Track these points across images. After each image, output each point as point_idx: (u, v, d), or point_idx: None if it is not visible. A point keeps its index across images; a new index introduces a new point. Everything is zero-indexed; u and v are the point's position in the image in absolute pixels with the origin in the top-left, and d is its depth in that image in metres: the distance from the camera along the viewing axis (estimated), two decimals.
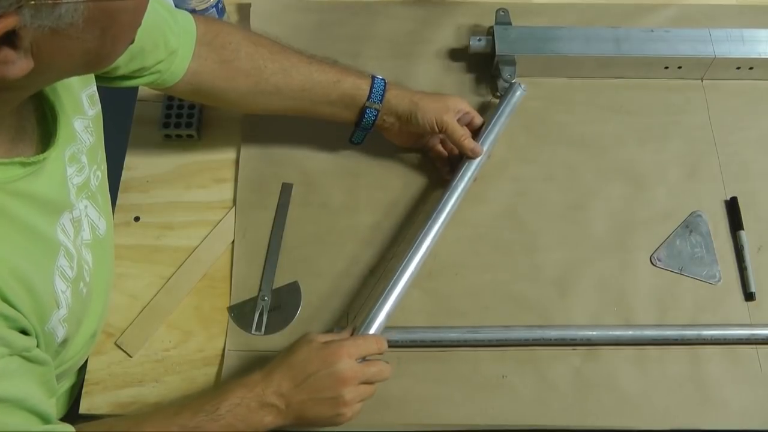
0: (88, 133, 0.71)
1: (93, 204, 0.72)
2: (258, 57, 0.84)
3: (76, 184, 0.68)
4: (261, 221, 0.91)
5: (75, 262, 0.66)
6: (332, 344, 0.72)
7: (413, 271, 0.80)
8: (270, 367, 0.71)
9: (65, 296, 0.64)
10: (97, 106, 0.75)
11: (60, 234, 0.64)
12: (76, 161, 0.68)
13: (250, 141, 0.96)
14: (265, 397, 0.70)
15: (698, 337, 0.84)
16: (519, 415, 0.81)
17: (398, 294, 0.79)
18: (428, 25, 1.06)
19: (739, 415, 0.81)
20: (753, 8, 1.09)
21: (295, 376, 0.70)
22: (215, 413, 0.68)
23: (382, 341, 0.75)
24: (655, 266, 0.89)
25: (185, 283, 0.87)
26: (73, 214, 0.67)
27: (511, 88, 0.96)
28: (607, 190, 0.94)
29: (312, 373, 0.70)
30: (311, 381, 0.70)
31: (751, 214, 0.92)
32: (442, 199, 0.86)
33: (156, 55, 0.77)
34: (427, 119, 0.87)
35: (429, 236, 0.83)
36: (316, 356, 0.71)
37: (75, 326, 0.68)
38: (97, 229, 0.73)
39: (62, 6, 0.47)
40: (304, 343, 0.72)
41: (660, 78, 1.02)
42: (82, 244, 0.69)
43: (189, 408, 0.69)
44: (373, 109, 0.87)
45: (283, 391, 0.70)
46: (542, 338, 0.83)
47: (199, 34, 0.81)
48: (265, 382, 0.70)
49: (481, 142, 0.89)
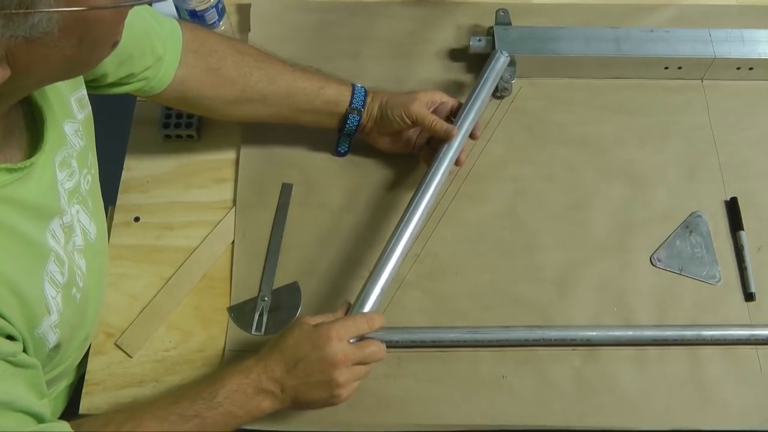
0: (78, 137, 0.71)
1: (84, 209, 0.72)
2: (244, 65, 0.85)
3: (67, 189, 0.68)
4: (261, 221, 0.91)
5: (66, 268, 0.65)
6: (322, 327, 0.72)
7: (404, 246, 0.79)
8: (264, 353, 0.72)
9: (56, 302, 0.63)
10: (87, 109, 0.75)
11: (50, 240, 0.63)
12: (66, 166, 0.68)
13: (250, 141, 0.96)
14: (261, 382, 0.70)
15: (698, 338, 0.84)
16: (519, 415, 0.81)
17: (391, 268, 0.78)
18: (428, 25, 1.06)
19: (739, 416, 0.81)
20: (753, 8, 1.09)
21: (287, 362, 0.71)
22: (213, 401, 0.69)
23: (374, 318, 0.74)
24: (655, 266, 0.89)
25: (185, 283, 0.87)
26: (64, 219, 0.66)
27: (493, 55, 0.94)
28: (607, 191, 0.94)
29: (303, 358, 0.70)
30: (303, 365, 0.70)
31: (751, 214, 0.92)
32: (425, 179, 0.84)
33: (143, 61, 0.77)
34: (397, 113, 0.87)
35: (416, 214, 0.82)
36: (306, 340, 0.71)
37: (69, 331, 0.67)
38: (88, 234, 0.73)
39: (35, 16, 0.47)
40: (296, 327, 0.72)
41: (660, 78, 1.02)
42: (74, 250, 0.69)
43: (186, 397, 0.70)
44: (356, 114, 0.89)
45: (276, 376, 0.70)
46: (542, 338, 0.83)
47: (186, 41, 0.81)
48: (259, 368, 0.71)
49: (460, 121, 0.88)
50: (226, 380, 0.70)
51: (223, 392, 0.69)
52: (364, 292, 0.77)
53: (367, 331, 0.74)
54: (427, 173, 0.85)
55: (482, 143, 0.97)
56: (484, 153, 0.96)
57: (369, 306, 0.76)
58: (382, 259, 0.79)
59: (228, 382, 0.70)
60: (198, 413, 0.69)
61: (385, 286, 0.78)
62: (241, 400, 0.70)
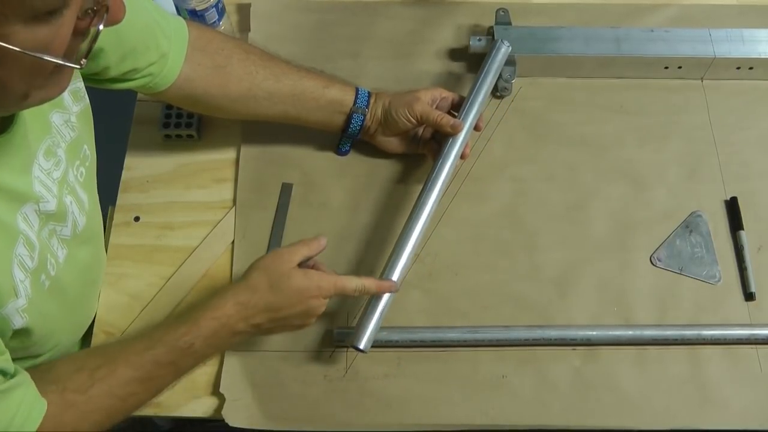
0: (70, 128, 0.71)
1: (75, 200, 0.72)
2: (250, 63, 0.85)
3: (55, 179, 0.68)
4: (261, 221, 0.91)
5: (37, 253, 0.65)
6: (314, 284, 0.73)
7: (414, 243, 0.81)
8: (245, 300, 0.73)
9: (24, 285, 0.63)
10: (84, 101, 0.74)
11: (21, 223, 0.63)
12: (52, 155, 0.67)
13: (250, 141, 0.96)
14: (238, 327, 0.73)
15: (698, 337, 0.84)
16: (519, 415, 0.81)
17: (410, 250, 0.80)
18: (428, 25, 1.06)
19: (739, 415, 0.81)
20: (753, 8, 1.09)
21: (271, 316, 0.73)
22: (190, 348, 0.71)
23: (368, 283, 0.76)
24: (655, 266, 0.89)
25: (185, 283, 0.87)
26: (41, 206, 0.65)
27: (494, 45, 0.94)
28: (607, 190, 0.94)
29: (288, 314, 0.73)
30: (285, 317, 0.74)
31: (751, 214, 0.92)
32: (432, 174, 0.85)
33: (147, 56, 0.77)
34: (401, 112, 0.88)
35: (424, 211, 0.83)
36: (295, 298, 0.73)
37: (41, 320, 0.67)
38: (77, 226, 0.73)
39: None
40: (283, 278, 0.73)
41: (660, 78, 1.02)
42: (55, 238, 0.69)
43: (162, 343, 0.71)
44: (360, 114, 0.89)
45: (256, 322, 0.73)
46: (542, 338, 0.83)
47: (192, 38, 0.81)
48: (240, 315, 0.72)
49: (464, 114, 0.88)
50: (202, 327, 0.72)
51: (199, 340, 0.71)
52: (390, 262, 0.79)
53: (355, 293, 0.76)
54: (434, 167, 0.86)
55: (482, 143, 0.97)
56: (484, 153, 0.96)
57: (397, 274, 0.78)
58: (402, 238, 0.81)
59: (205, 329, 0.72)
60: (173, 360, 0.71)
61: (407, 266, 0.79)
62: (216, 343, 0.73)
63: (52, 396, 0.66)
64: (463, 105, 0.89)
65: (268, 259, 0.74)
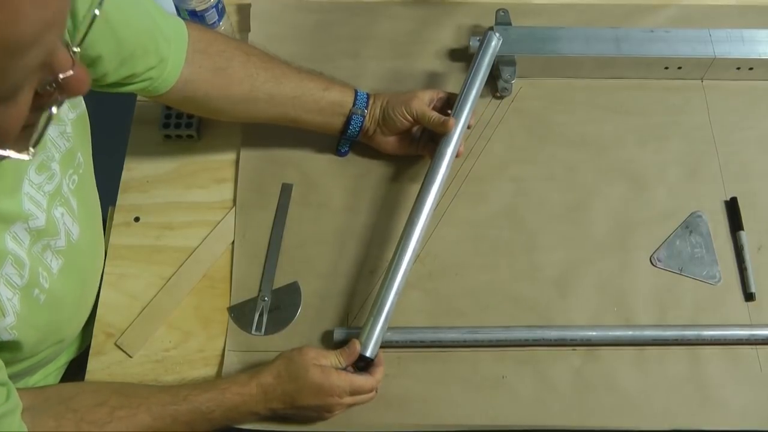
0: (65, 139, 0.70)
1: (67, 210, 0.71)
2: (251, 65, 0.85)
3: (47, 192, 0.67)
4: (261, 221, 0.91)
5: (27, 270, 0.64)
6: (328, 383, 0.75)
7: (414, 247, 0.81)
8: (267, 383, 0.75)
9: (11, 303, 0.62)
10: (80, 108, 0.74)
11: (10, 242, 0.62)
12: (45, 169, 0.67)
13: (250, 141, 0.96)
14: (257, 408, 0.76)
15: (698, 338, 0.84)
16: (519, 415, 0.81)
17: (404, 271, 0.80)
18: (428, 25, 1.06)
19: (739, 415, 0.81)
20: (753, 8, 1.09)
21: (288, 404, 0.76)
22: (210, 414, 0.74)
23: (375, 381, 0.78)
24: (655, 266, 0.89)
25: (185, 283, 0.87)
26: (30, 224, 0.65)
27: (485, 37, 0.93)
28: (607, 190, 0.94)
29: (304, 405, 0.76)
30: (301, 408, 0.76)
31: (751, 214, 0.92)
32: (428, 173, 0.85)
33: (146, 61, 0.75)
34: (398, 111, 0.88)
35: (423, 211, 0.82)
36: (312, 390, 0.75)
37: (32, 332, 0.66)
38: (71, 236, 0.72)
39: None
40: (302, 370, 0.75)
41: (660, 78, 1.02)
42: (49, 251, 0.68)
43: (187, 402, 0.73)
44: (359, 116, 0.89)
45: (273, 407, 0.76)
46: (542, 338, 0.83)
47: (192, 41, 0.81)
48: (259, 396, 0.75)
49: (456, 111, 0.88)
50: (227, 398, 0.74)
51: (221, 409, 0.74)
52: (379, 300, 0.79)
53: (368, 391, 0.78)
54: (430, 166, 0.86)
55: (482, 143, 0.97)
56: (484, 153, 0.96)
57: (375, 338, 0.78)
58: (393, 263, 0.80)
59: (229, 401, 0.74)
60: (191, 421, 0.73)
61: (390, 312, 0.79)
62: (233, 417, 0.76)
63: (68, 423, 0.67)
64: (456, 102, 0.89)
65: (295, 350, 0.77)
